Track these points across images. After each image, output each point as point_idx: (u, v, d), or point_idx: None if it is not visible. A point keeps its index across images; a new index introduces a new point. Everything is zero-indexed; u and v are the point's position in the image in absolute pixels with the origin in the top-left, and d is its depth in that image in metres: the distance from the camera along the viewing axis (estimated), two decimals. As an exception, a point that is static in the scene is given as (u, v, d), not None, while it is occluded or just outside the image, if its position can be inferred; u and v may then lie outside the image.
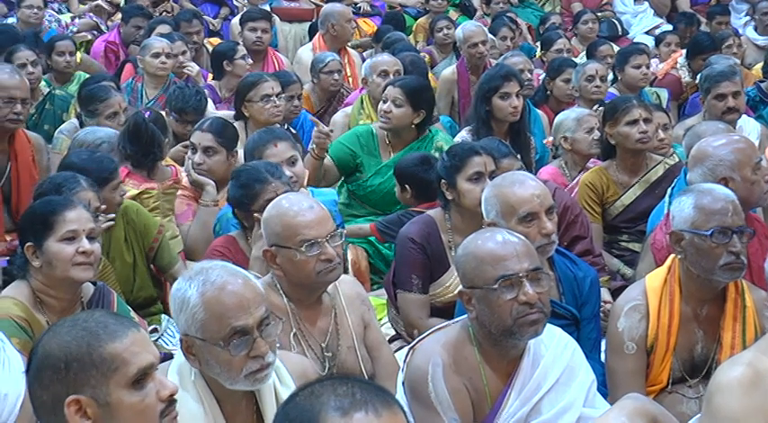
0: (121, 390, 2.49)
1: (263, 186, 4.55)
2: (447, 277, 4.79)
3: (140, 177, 5.62)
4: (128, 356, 2.50)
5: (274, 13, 10.46)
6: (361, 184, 6.29)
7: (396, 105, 6.12)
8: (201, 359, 3.02)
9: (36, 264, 3.90)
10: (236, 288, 3.02)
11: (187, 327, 3.02)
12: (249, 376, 3.00)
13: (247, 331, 2.99)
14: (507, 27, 9.88)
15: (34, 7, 9.46)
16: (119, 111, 6.23)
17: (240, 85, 6.77)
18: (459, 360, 3.49)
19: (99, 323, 2.54)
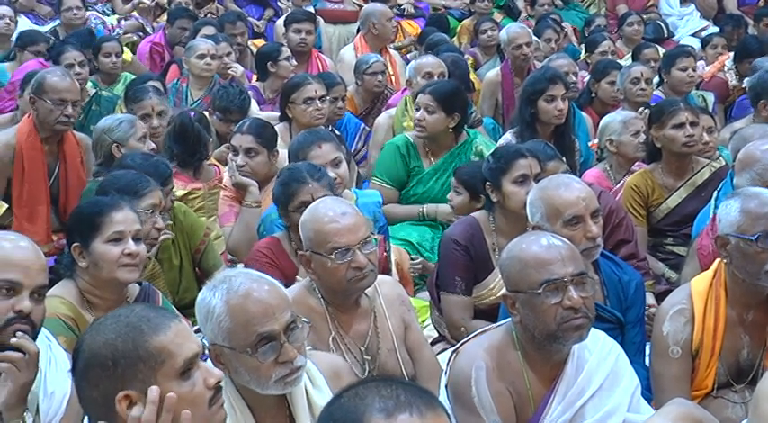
0: (170, 381, 2.50)
1: (300, 187, 4.57)
2: (491, 279, 4.78)
3: (186, 177, 5.65)
4: (173, 348, 2.51)
5: (318, 14, 10.48)
6: (404, 194, 6.29)
7: (428, 112, 6.11)
8: (231, 367, 3.03)
9: (82, 264, 3.92)
10: (260, 295, 3.02)
11: (214, 336, 3.03)
12: (279, 381, 3.01)
13: (274, 337, 2.99)
14: (552, 29, 9.85)
15: (73, 8, 9.53)
16: (151, 113, 6.27)
17: (285, 87, 6.79)
18: (502, 364, 3.47)
19: (141, 317, 2.55)
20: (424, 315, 5.16)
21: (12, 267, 3.10)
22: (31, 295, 3.11)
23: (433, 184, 6.17)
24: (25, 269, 3.11)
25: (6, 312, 3.07)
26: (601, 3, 12.52)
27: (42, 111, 5.85)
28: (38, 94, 5.87)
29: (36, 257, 3.17)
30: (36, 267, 3.14)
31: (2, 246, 3.15)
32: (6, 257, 3.11)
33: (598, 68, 8.00)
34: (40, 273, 3.15)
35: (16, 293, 3.09)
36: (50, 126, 5.86)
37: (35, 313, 3.12)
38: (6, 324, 3.07)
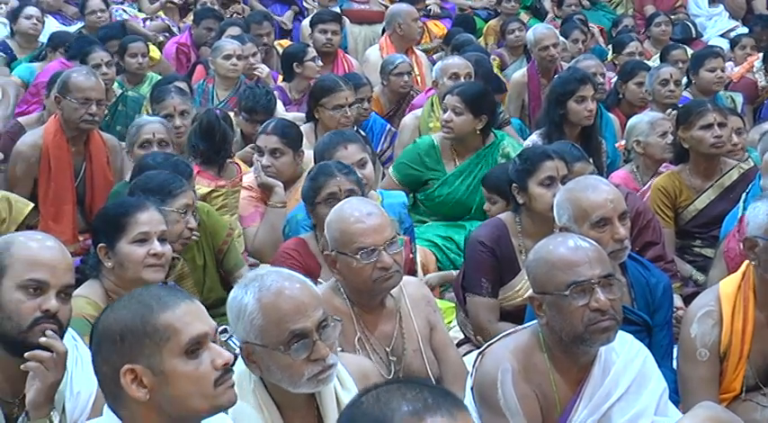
0: (175, 358, 2.54)
1: (327, 179, 4.57)
2: (517, 281, 4.76)
3: (211, 175, 5.66)
4: (180, 326, 2.55)
5: (344, 14, 10.47)
6: (428, 195, 6.27)
7: (456, 114, 6.09)
8: (263, 366, 3.03)
9: (108, 264, 3.93)
10: (292, 292, 3.03)
11: (246, 334, 3.03)
12: (312, 379, 3.00)
13: (307, 334, 2.99)
14: (579, 30, 9.82)
15: (97, 11, 9.56)
16: (173, 113, 6.27)
17: (315, 88, 6.76)
18: (528, 366, 3.46)
19: (153, 296, 2.61)
20: (450, 316, 5.15)
21: (39, 267, 3.09)
22: (58, 295, 3.11)
23: (459, 185, 6.16)
24: (52, 269, 3.11)
25: (33, 312, 3.07)
26: (628, 3, 12.47)
27: (67, 110, 5.87)
28: (62, 93, 5.89)
29: (62, 257, 3.17)
30: (62, 267, 3.14)
31: (29, 245, 3.15)
32: (33, 257, 3.11)
33: (625, 69, 7.97)
34: (67, 272, 3.15)
35: (43, 293, 3.09)
36: (75, 125, 5.88)
37: (62, 313, 3.12)
38: (33, 324, 3.07)
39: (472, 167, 6.18)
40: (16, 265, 3.10)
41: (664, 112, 6.82)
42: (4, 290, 3.09)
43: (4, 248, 3.14)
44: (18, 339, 3.07)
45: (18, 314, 3.07)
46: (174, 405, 2.56)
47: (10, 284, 3.08)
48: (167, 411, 2.56)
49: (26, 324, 3.06)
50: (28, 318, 3.07)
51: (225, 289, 5.17)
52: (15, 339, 3.08)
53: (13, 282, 3.08)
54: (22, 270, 3.09)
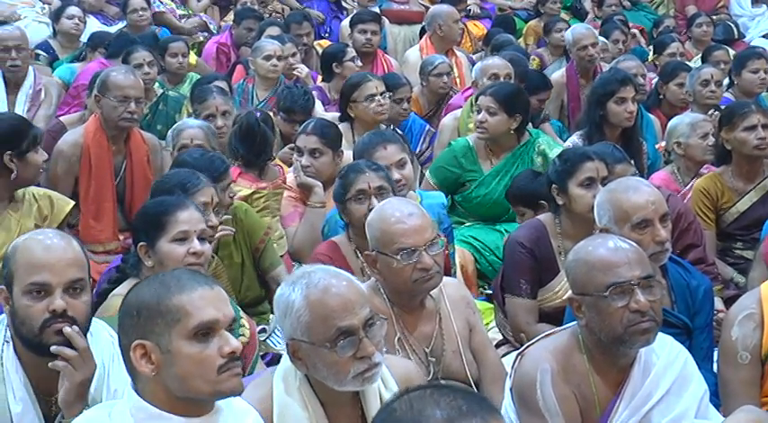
0: (182, 340, 2.62)
1: (356, 176, 4.57)
2: (556, 282, 4.74)
3: (252, 177, 5.67)
4: (191, 309, 2.62)
5: (384, 15, 10.47)
6: (466, 196, 6.26)
7: (490, 114, 6.07)
8: (309, 363, 3.03)
9: (148, 263, 3.94)
10: (339, 290, 3.04)
11: (293, 331, 3.04)
12: (357, 377, 3.00)
13: (353, 332, 2.99)
14: (619, 30, 9.77)
15: (138, 10, 9.61)
16: (215, 113, 6.28)
17: (344, 87, 6.80)
18: (567, 367, 3.44)
19: (174, 277, 2.71)
20: (489, 317, 5.14)
21: (38, 270, 3.09)
22: (66, 291, 3.11)
23: (496, 185, 6.14)
24: (51, 268, 3.10)
25: (42, 314, 3.08)
26: (670, 3, 12.41)
27: (107, 108, 5.91)
28: (102, 92, 5.93)
29: (63, 253, 3.15)
30: (63, 264, 3.12)
31: (29, 249, 3.14)
32: (31, 261, 3.12)
33: (666, 70, 7.92)
34: (69, 268, 3.13)
35: (48, 294, 3.09)
36: (115, 123, 5.92)
37: (74, 308, 3.11)
38: (44, 325, 3.08)
39: (508, 167, 6.16)
40: (19, 270, 3.12)
41: (704, 113, 6.78)
42: (15, 297, 3.12)
43: (11, 255, 3.17)
44: (35, 342, 3.10)
45: (29, 318, 3.09)
46: (177, 384, 2.64)
47: (17, 291, 3.11)
48: (172, 389, 2.65)
49: (37, 327, 3.08)
50: (38, 320, 3.08)
51: (262, 288, 5.20)
52: (33, 342, 3.11)
53: (20, 288, 3.11)
54: (23, 275, 3.10)
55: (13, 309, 3.13)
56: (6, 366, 3.17)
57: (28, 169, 4.92)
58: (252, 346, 4.24)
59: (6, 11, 9.85)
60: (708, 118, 6.33)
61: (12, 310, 3.13)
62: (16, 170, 4.87)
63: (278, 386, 3.11)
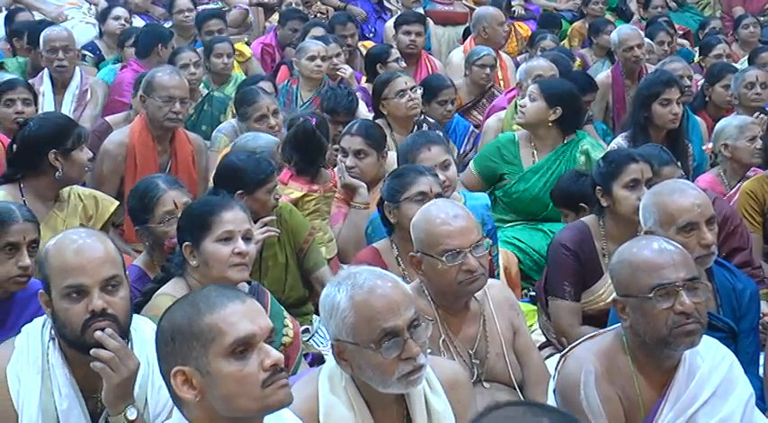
0: (220, 359, 2.54)
1: (418, 177, 4.56)
2: (600, 285, 4.72)
3: (304, 181, 5.67)
4: (224, 327, 2.55)
5: (428, 16, 10.47)
6: (506, 191, 6.26)
7: (530, 100, 6.09)
8: (354, 364, 3.04)
9: (193, 263, 3.96)
10: (384, 291, 3.03)
11: (338, 331, 3.04)
12: (402, 379, 3.00)
13: (398, 333, 2.99)
14: (665, 31, 9.70)
15: (184, 11, 9.66)
16: (267, 114, 6.29)
17: (375, 85, 6.84)
18: (612, 369, 3.43)
19: (202, 297, 2.62)
20: (532, 319, 5.13)
21: (71, 272, 3.11)
22: (104, 289, 3.13)
23: (536, 181, 6.13)
24: (83, 269, 3.11)
25: (82, 315, 3.10)
26: (716, 5, 12.32)
27: (152, 108, 5.95)
28: (147, 92, 5.98)
29: (94, 253, 3.15)
30: (96, 263, 3.13)
31: (60, 252, 3.16)
32: (64, 264, 3.13)
33: (713, 72, 7.86)
34: (102, 266, 3.14)
35: (85, 295, 3.11)
36: (160, 123, 5.96)
37: (113, 306, 3.13)
38: (85, 326, 3.10)
39: (550, 164, 6.15)
40: (53, 275, 3.14)
41: (750, 115, 6.72)
42: (54, 301, 3.14)
43: (43, 260, 3.20)
44: (79, 343, 3.12)
45: (69, 320, 3.12)
46: (223, 405, 2.56)
47: (55, 294, 3.13)
48: (218, 411, 2.57)
49: (79, 328, 3.10)
50: (78, 322, 3.10)
51: (305, 288, 5.21)
52: (77, 343, 3.13)
53: (57, 291, 3.13)
54: (58, 279, 3.13)
55: (53, 312, 3.15)
56: (52, 363, 3.20)
57: (73, 168, 4.95)
58: (295, 346, 4.26)
59: (54, 12, 9.94)
60: (756, 120, 6.28)
61: (53, 314, 3.15)
62: (61, 169, 4.91)
63: (324, 385, 3.12)
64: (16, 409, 3.16)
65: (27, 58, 8.45)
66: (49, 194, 5.01)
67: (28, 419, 3.15)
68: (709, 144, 6.42)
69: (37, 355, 3.21)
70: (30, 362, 3.20)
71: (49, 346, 3.22)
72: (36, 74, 7.89)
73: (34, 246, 4.12)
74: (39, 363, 3.20)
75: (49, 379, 3.18)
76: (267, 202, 4.92)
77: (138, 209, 4.53)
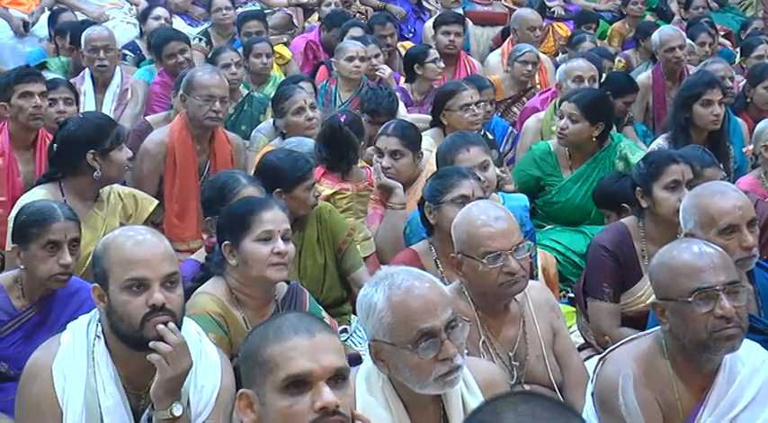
0: (274, 392, 2.52)
1: (461, 180, 4.56)
2: (639, 286, 4.70)
3: (335, 178, 5.69)
4: (281, 361, 2.53)
5: (467, 16, 10.45)
6: (547, 201, 6.25)
7: (572, 121, 6.04)
8: (390, 364, 3.04)
9: (232, 262, 3.97)
10: (422, 291, 3.03)
11: (375, 332, 3.04)
12: (438, 380, 3.00)
13: (435, 334, 2.99)
14: (706, 32, 9.63)
15: (222, 9, 9.69)
16: (304, 106, 6.31)
17: (439, 94, 6.79)
18: (650, 373, 3.41)
19: (275, 325, 2.61)
20: (570, 321, 5.11)
21: (134, 265, 3.14)
22: (163, 285, 3.15)
23: (577, 190, 6.12)
24: (147, 263, 3.15)
25: (142, 309, 3.12)
26: (758, 5, 12.22)
27: (192, 107, 5.97)
28: (187, 91, 6.00)
29: (157, 249, 3.20)
30: (158, 258, 3.17)
31: (122, 245, 3.19)
32: (127, 257, 3.16)
33: (754, 73, 7.80)
34: (164, 261, 3.18)
35: (146, 288, 3.13)
36: (200, 122, 5.98)
37: (171, 302, 3.16)
38: (144, 320, 3.13)
39: (589, 172, 6.14)
40: (115, 267, 3.16)
41: (793, 116, 6.67)
42: (111, 294, 3.16)
43: (102, 253, 3.22)
44: (135, 337, 3.14)
45: (128, 314, 3.14)
46: None
47: (114, 287, 3.15)
48: None
49: (138, 322, 3.13)
50: (138, 316, 3.13)
51: (343, 288, 5.22)
52: (133, 338, 3.15)
53: (117, 284, 3.15)
54: (120, 272, 3.15)
55: (110, 305, 3.17)
56: (98, 361, 3.22)
57: (112, 168, 4.98)
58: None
59: (95, 12, 10.01)
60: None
61: (108, 307, 3.17)
62: (100, 169, 4.94)
63: (360, 386, 3.12)
64: (61, 405, 3.19)
65: (69, 57, 8.51)
66: (89, 194, 5.04)
67: (72, 416, 3.18)
68: (750, 146, 6.36)
69: (82, 351, 3.24)
70: (75, 359, 3.23)
71: (94, 344, 3.24)
72: (78, 73, 7.95)
73: (75, 244, 4.17)
74: (84, 360, 3.22)
75: (93, 376, 3.21)
76: (307, 200, 4.94)
77: (214, 199, 4.52)
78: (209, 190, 4.66)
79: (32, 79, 5.83)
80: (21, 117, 5.74)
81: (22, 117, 5.74)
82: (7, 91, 5.76)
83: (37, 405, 3.21)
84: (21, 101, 5.73)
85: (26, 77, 5.82)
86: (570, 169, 6.18)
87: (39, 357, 3.28)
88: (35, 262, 4.11)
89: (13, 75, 5.92)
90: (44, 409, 3.20)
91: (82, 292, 4.21)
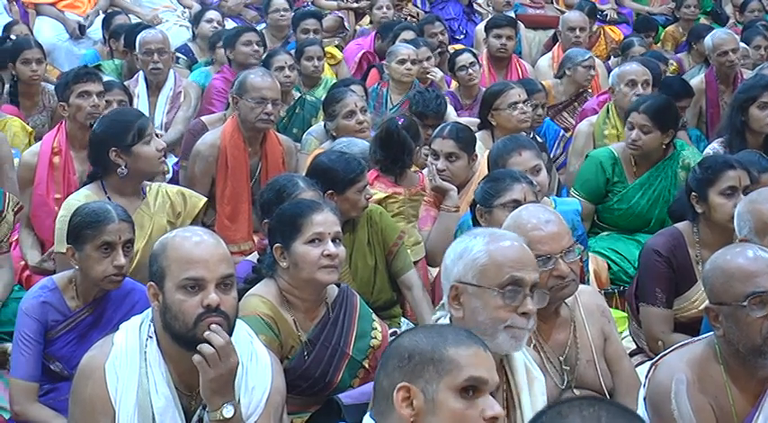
0: (449, 392, 2.59)
1: (514, 184, 4.53)
2: (693, 292, 4.67)
3: (388, 181, 5.69)
4: (463, 363, 2.60)
5: (519, 19, 10.42)
6: (608, 208, 6.21)
7: (644, 132, 5.98)
8: (468, 307, 3.15)
9: (283, 265, 3.98)
10: (521, 246, 3.22)
11: (464, 273, 3.15)
12: (508, 329, 3.11)
13: (523, 285, 3.13)
14: (762, 36, 9.52)
15: (280, 10, 9.73)
16: (355, 109, 6.31)
17: (486, 94, 6.77)
18: (704, 378, 3.38)
19: (453, 331, 2.72)
20: (622, 326, 5.08)
21: (193, 265, 3.16)
22: (218, 287, 3.16)
23: (639, 199, 6.08)
24: (205, 263, 3.16)
25: (196, 309, 3.14)
26: (816, 7, 12.07)
27: (244, 109, 5.99)
28: (240, 93, 6.02)
29: (214, 249, 3.21)
30: (216, 259, 3.18)
31: (181, 245, 3.21)
32: (186, 256, 3.18)
33: (810, 78, 7.69)
34: (221, 263, 3.19)
35: (202, 289, 3.15)
36: (252, 124, 5.99)
37: (225, 304, 3.17)
38: (198, 320, 3.14)
39: (652, 180, 6.10)
40: (172, 266, 3.17)
41: None
42: (167, 292, 3.17)
43: (161, 251, 3.23)
44: (188, 337, 3.15)
45: (183, 313, 3.15)
46: None
47: (170, 286, 3.17)
48: None
49: (191, 321, 3.14)
50: (192, 315, 3.14)
51: (394, 290, 5.21)
52: (185, 337, 3.16)
53: (173, 283, 3.16)
54: (178, 270, 3.16)
55: (164, 304, 3.18)
56: (150, 361, 3.24)
57: (139, 162, 4.95)
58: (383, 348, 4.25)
59: (149, 14, 10.11)
60: None
61: (163, 305, 3.19)
62: (124, 165, 4.92)
63: None
64: (114, 405, 3.21)
65: (123, 60, 8.59)
66: (129, 190, 5.02)
67: (125, 416, 3.20)
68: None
69: (135, 352, 3.25)
70: (128, 359, 3.25)
71: (147, 344, 3.26)
72: (132, 76, 8.02)
73: (129, 245, 4.21)
74: (136, 360, 3.24)
75: (146, 376, 3.23)
76: (358, 202, 4.95)
77: (272, 201, 4.53)
78: (267, 192, 4.67)
79: (90, 79, 5.88)
80: (78, 116, 5.80)
81: (79, 116, 5.79)
82: (66, 91, 5.83)
83: (90, 405, 3.23)
84: (78, 100, 5.78)
85: (84, 77, 5.88)
86: (635, 175, 6.14)
87: (92, 357, 3.31)
88: (89, 263, 4.15)
89: (71, 75, 5.99)
90: (97, 408, 3.22)
91: (134, 293, 4.25)
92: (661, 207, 6.00)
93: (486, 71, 8.65)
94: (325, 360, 4.04)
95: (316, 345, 4.04)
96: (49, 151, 5.77)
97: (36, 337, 4.16)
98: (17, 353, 4.18)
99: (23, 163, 5.86)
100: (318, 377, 4.04)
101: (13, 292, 5.18)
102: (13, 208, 5.21)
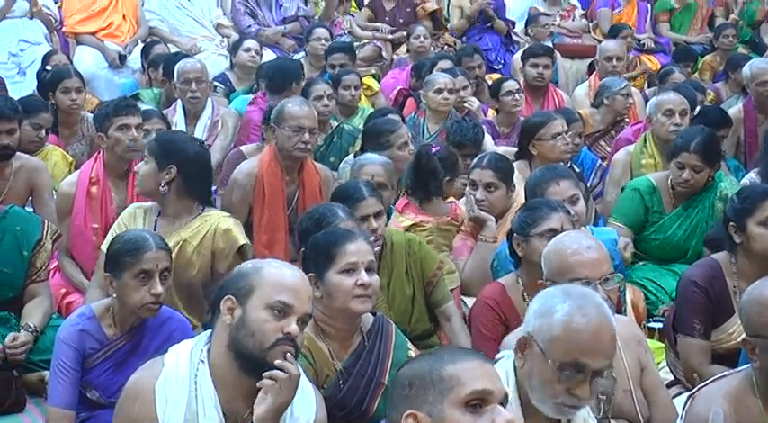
0: (455, 409, 2.59)
1: (551, 213, 4.50)
2: (730, 323, 4.64)
3: (415, 209, 5.70)
4: (464, 378, 2.61)
5: (556, 49, 10.44)
6: (645, 237, 6.18)
7: (696, 172, 5.96)
8: (528, 364, 3.09)
9: (317, 294, 3.96)
10: (601, 332, 3.06)
11: (538, 330, 3.08)
12: (559, 405, 3.05)
13: (585, 371, 3.02)
14: (800, 66, 9.48)
15: (322, 39, 9.80)
16: (408, 140, 6.35)
17: (528, 125, 6.73)
18: (740, 410, 3.37)
19: (449, 350, 2.76)
20: (660, 357, 5.05)
21: (287, 290, 3.21)
22: (298, 320, 3.21)
23: (676, 229, 6.06)
24: (297, 294, 3.22)
25: (276, 333, 3.18)
26: None
27: (281, 138, 6.01)
28: (277, 122, 6.04)
29: (306, 286, 3.30)
30: (305, 294, 3.25)
31: (279, 270, 3.27)
32: (281, 281, 3.23)
33: None
34: (308, 301, 3.26)
35: (286, 316, 3.19)
36: (289, 153, 6.01)
37: (299, 338, 3.22)
38: (275, 344, 3.17)
39: (690, 211, 6.07)
40: (266, 286, 3.22)
41: None
42: (250, 308, 3.20)
43: (254, 270, 3.27)
44: (259, 357, 3.18)
45: (262, 332, 3.18)
46: None
47: (257, 303, 3.20)
48: None
49: (268, 343, 3.17)
50: (271, 337, 3.17)
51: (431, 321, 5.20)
52: (256, 357, 3.18)
53: (261, 301, 3.20)
54: (270, 291, 3.20)
55: (242, 320, 3.21)
56: (200, 384, 3.25)
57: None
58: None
59: (187, 44, 10.20)
60: None
61: (240, 321, 3.22)
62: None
63: None
64: None
65: (162, 89, 8.67)
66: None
67: None
68: None
69: (185, 375, 3.27)
70: (177, 381, 3.26)
71: (198, 368, 3.28)
72: (170, 105, 8.09)
73: (166, 274, 4.23)
74: (186, 383, 3.26)
75: (194, 400, 3.24)
76: (377, 231, 4.98)
77: (310, 230, 4.54)
78: (306, 221, 4.70)
79: (130, 112, 5.92)
80: (117, 149, 5.83)
81: (118, 149, 5.83)
82: (105, 122, 5.86)
83: None
84: (118, 133, 5.82)
85: (124, 110, 5.90)
86: (672, 206, 6.12)
87: (140, 378, 3.32)
88: (127, 291, 4.17)
89: (111, 106, 6.01)
90: None
91: (171, 322, 4.28)
92: (698, 238, 5.98)
93: (524, 100, 8.66)
94: (360, 389, 4.04)
95: (351, 374, 4.04)
96: (87, 181, 5.82)
97: (73, 366, 4.18)
98: (54, 381, 4.20)
99: (62, 193, 5.92)
100: (354, 406, 4.04)
101: (51, 319, 5.21)
102: (52, 236, 5.26)
